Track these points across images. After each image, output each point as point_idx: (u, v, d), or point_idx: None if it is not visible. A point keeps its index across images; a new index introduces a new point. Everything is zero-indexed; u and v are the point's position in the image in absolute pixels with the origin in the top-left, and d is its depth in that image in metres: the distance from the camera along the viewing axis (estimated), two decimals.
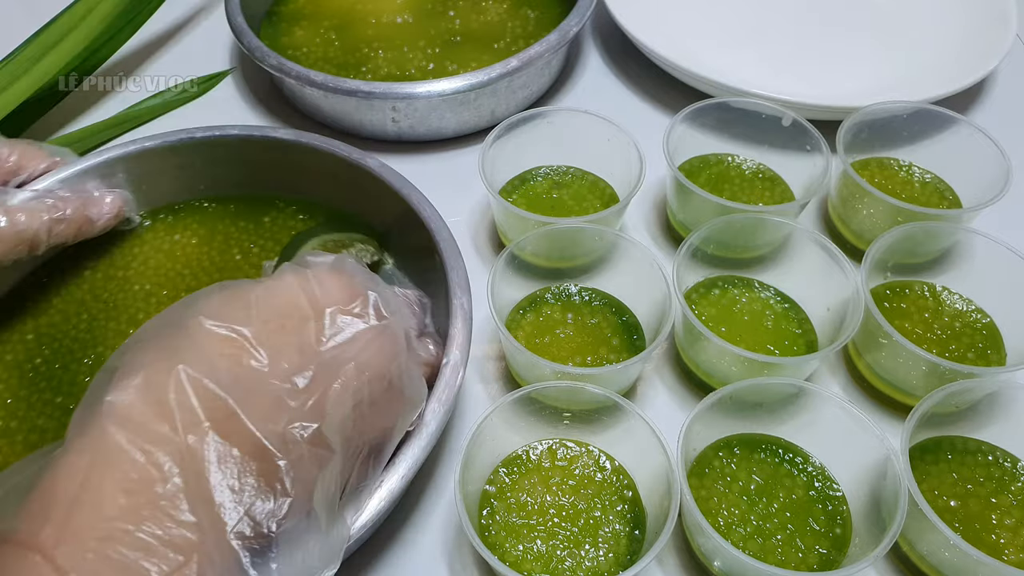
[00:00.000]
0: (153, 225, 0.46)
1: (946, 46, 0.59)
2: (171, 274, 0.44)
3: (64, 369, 0.40)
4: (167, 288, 0.43)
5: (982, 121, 0.50)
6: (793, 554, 0.34)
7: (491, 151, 0.46)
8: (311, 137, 0.45)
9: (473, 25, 0.60)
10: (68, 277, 0.44)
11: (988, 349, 0.42)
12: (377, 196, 0.43)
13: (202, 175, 0.46)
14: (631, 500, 0.36)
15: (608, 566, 0.34)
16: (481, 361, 0.44)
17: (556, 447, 0.37)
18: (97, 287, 0.43)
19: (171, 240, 0.45)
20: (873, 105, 0.49)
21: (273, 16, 0.61)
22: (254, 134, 0.45)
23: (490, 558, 0.30)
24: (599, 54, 0.63)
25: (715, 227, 0.42)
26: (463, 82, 0.50)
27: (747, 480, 0.36)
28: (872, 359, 0.42)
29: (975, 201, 0.47)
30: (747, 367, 0.39)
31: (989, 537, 0.35)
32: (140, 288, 0.43)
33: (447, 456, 0.40)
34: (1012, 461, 0.37)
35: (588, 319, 0.43)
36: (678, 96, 0.57)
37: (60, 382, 0.39)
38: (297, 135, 0.45)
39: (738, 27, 0.63)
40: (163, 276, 0.43)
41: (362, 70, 0.56)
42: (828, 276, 0.41)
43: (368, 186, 0.43)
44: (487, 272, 0.40)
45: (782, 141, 0.49)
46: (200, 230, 0.46)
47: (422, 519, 0.38)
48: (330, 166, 0.44)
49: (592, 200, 0.48)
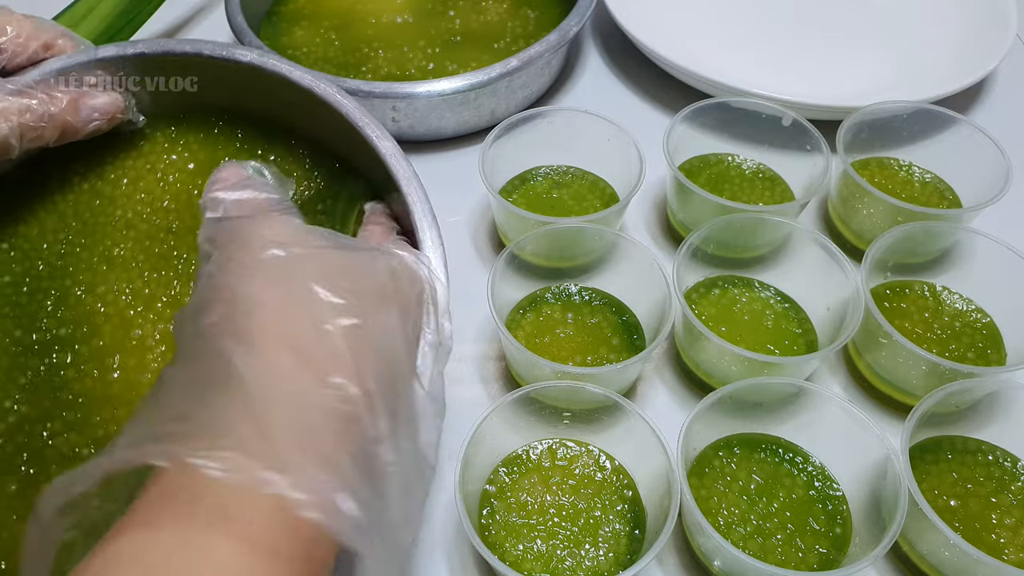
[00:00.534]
0: (152, 137, 0.41)
1: (946, 46, 0.59)
2: (156, 204, 0.39)
3: (29, 298, 0.36)
4: (148, 223, 0.38)
5: (982, 121, 0.50)
6: (793, 554, 0.34)
7: (491, 151, 0.46)
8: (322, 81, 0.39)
9: (473, 25, 0.60)
10: (55, 181, 0.39)
11: (988, 349, 0.42)
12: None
13: (217, 95, 0.41)
14: (631, 500, 0.36)
15: (608, 566, 0.34)
16: (481, 361, 0.44)
17: (556, 447, 0.37)
18: (81, 203, 0.39)
19: (167, 160, 0.40)
20: (873, 105, 0.49)
21: (273, 16, 0.61)
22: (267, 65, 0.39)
23: (490, 558, 0.30)
24: (599, 54, 0.63)
25: (715, 227, 0.42)
26: (463, 82, 0.50)
27: (747, 480, 0.36)
28: (872, 359, 0.42)
29: (975, 201, 0.47)
30: (747, 367, 0.39)
31: (989, 537, 0.35)
32: (122, 215, 0.39)
33: (447, 456, 0.40)
34: (1012, 461, 0.37)
35: (588, 319, 0.43)
36: (678, 96, 0.57)
37: (22, 313, 0.36)
38: (313, 81, 0.39)
39: (738, 27, 0.63)
40: (148, 205, 0.39)
41: (362, 70, 0.56)
42: (828, 276, 0.41)
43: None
44: (487, 272, 0.40)
45: (782, 141, 0.49)
46: (200, 154, 0.41)
47: (422, 519, 0.38)
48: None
49: (592, 200, 0.48)
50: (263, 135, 0.41)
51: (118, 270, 0.37)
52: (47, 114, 0.34)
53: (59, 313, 0.37)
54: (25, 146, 0.34)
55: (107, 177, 0.40)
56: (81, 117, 0.36)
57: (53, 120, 0.35)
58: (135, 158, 0.41)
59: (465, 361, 0.43)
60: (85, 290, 0.37)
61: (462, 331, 0.44)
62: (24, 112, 0.34)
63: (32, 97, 0.34)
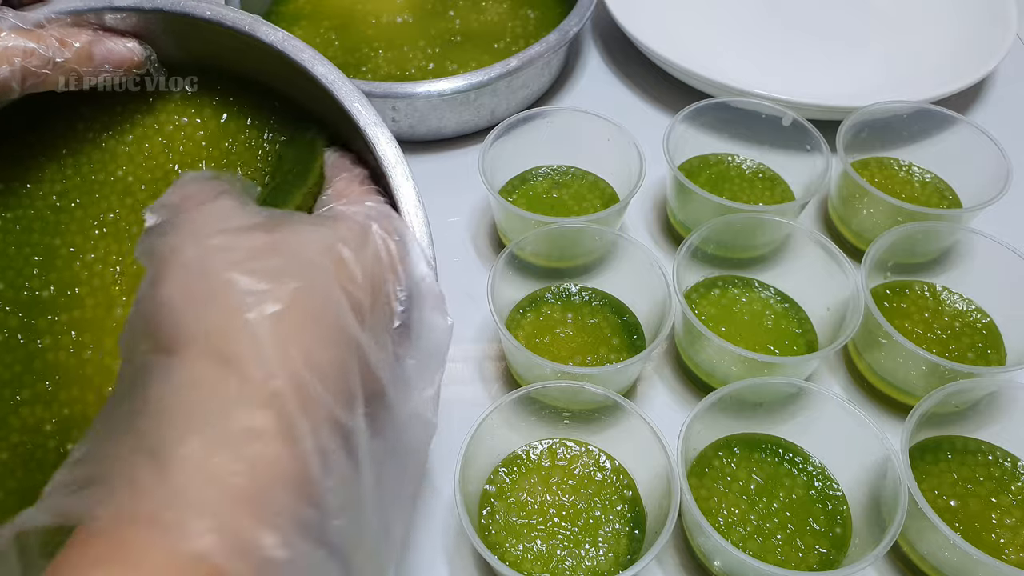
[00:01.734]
0: (167, 94, 0.38)
1: (946, 46, 0.59)
2: (158, 172, 0.37)
3: (17, 250, 0.35)
4: (148, 191, 0.36)
5: (982, 121, 0.50)
6: (793, 554, 0.34)
7: (491, 151, 0.46)
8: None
9: (473, 25, 0.60)
10: (60, 123, 0.37)
11: (988, 349, 0.42)
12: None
13: (240, 64, 0.38)
14: (631, 500, 0.36)
15: (608, 565, 0.34)
16: (481, 361, 0.44)
17: (556, 447, 0.37)
18: (83, 154, 0.37)
19: (176, 122, 0.38)
20: (873, 105, 0.49)
21: (273, 16, 0.61)
22: (289, 50, 0.36)
23: (490, 558, 0.30)
24: (599, 54, 0.63)
25: (715, 227, 0.42)
26: (463, 82, 0.50)
27: (747, 480, 0.36)
28: (872, 359, 0.42)
29: (975, 201, 0.47)
30: (747, 367, 0.39)
31: (989, 537, 0.35)
32: (122, 175, 0.37)
33: (446, 456, 0.40)
34: (1012, 461, 0.37)
35: (588, 319, 0.43)
36: (678, 96, 0.57)
37: (8, 265, 0.34)
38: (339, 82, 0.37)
39: (738, 27, 0.63)
40: (150, 171, 0.37)
41: (362, 70, 0.56)
42: (828, 276, 0.41)
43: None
44: (487, 272, 0.40)
45: (782, 141, 0.49)
46: (211, 123, 0.38)
47: (422, 519, 0.38)
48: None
49: (592, 200, 0.48)
50: (280, 113, 0.39)
51: (109, 238, 0.36)
52: (53, 61, 0.32)
53: (45, 275, 0.35)
54: (27, 90, 0.32)
55: (113, 128, 0.37)
56: (92, 65, 0.33)
57: (59, 67, 0.32)
58: (144, 113, 0.38)
59: (465, 361, 0.43)
60: (74, 253, 0.36)
61: (462, 331, 0.44)
62: (29, 55, 0.31)
63: (41, 40, 0.31)
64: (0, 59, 0.30)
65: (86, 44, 0.33)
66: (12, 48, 0.31)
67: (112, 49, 0.34)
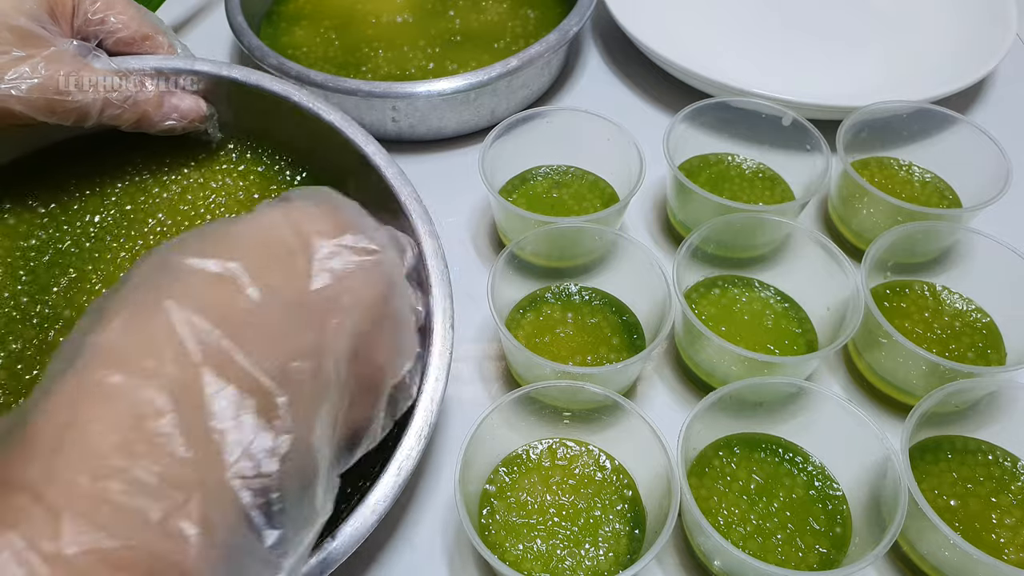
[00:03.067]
0: (216, 154, 0.41)
1: (946, 46, 0.59)
2: (195, 220, 0.39)
3: (47, 269, 0.36)
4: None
5: (982, 121, 0.50)
6: (793, 553, 0.34)
7: (491, 151, 0.46)
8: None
9: (473, 25, 0.60)
10: (111, 164, 0.40)
11: (988, 349, 0.42)
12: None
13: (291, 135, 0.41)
14: (631, 499, 0.36)
15: (608, 565, 0.34)
16: (481, 361, 0.44)
17: (556, 447, 0.37)
18: (127, 194, 0.39)
19: (221, 180, 0.41)
20: (873, 105, 0.49)
21: (273, 16, 0.61)
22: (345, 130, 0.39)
23: (490, 558, 0.30)
24: (599, 54, 0.63)
25: (715, 227, 0.42)
26: (463, 82, 0.50)
27: (747, 479, 0.36)
28: (872, 359, 0.42)
29: (975, 201, 0.47)
30: (747, 367, 0.39)
31: (989, 537, 0.35)
32: (160, 219, 0.39)
33: (446, 456, 0.40)
34: (1012, 461, 0.37)
35: (588, 319, 0.43)
36: (678, 96, 0.57)
37: (35, 281, 0.36)
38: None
39: (738, 27, 0.63)
40: (187, 219, 0.39)
41: (362, 70, 0.56)
42: (828, 276, 0.41)
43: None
44: (487, 272, 0.40)
45: (782, 141, 0.49)
46: (254, 188, 0.40)
47: (422, 519, 0.38)
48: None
49: (592, 200, 0.48)
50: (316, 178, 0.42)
51: None
52: (132, 99, 0.36)
53: (70, 294, 0.37)
54: (102, 121, 0.36)
55: (159, 176, 0.40)
56: (161, 112, 0.38)
57: (135, 106, 0.37)
58: (191, 167, 0.41)
59: (465, 361, 0.43)
60: (103, 282, 0.37)
61: (462, 331, 0.44)
62: (112, 89, 0.36)
63: (125, 78, 0.36)
64: (92, 86, 0.35)
65: (159, 92, 0.38)
66: (100, 80, 0.36)
67: (181, 101, 0.39)
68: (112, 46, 0.39)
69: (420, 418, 0.32)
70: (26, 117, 0.34)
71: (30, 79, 0.34)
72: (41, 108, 0.34)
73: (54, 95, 0.34)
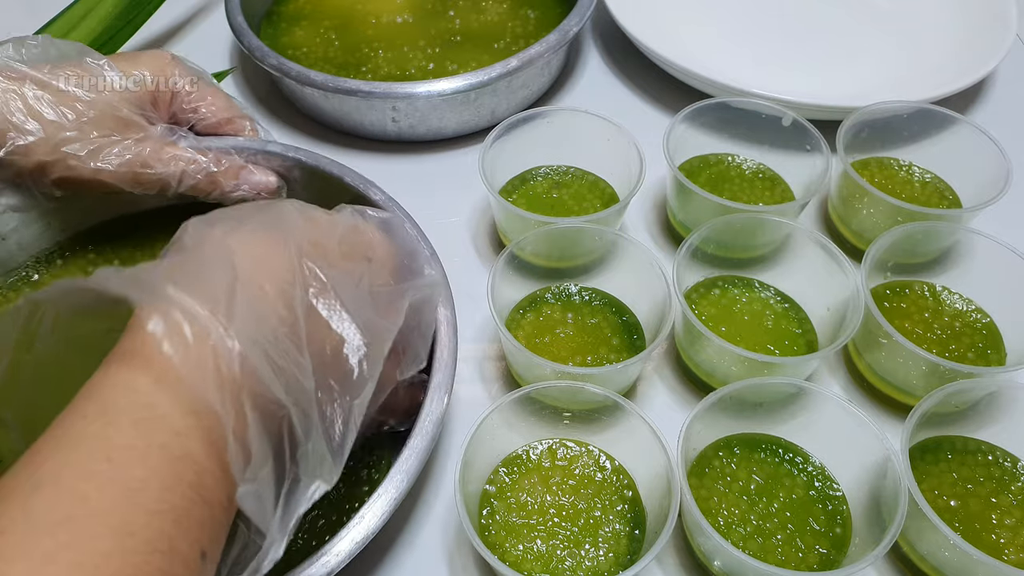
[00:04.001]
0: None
1: (946, 46, 0.59)
2: None
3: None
4: None
5: (982, 121, 0.50)
6: (793, 554, 0.34)
7: (491, 151, 0.46)
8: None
9: (473, 25, 0.60)
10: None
11: (988, 349, 0.42)
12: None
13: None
14: (631, 500, 0.36)
15: (608, 566, 0.34)
16: (481, 361, 0.44)
17: (556, 447, 0.37)
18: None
19: None
20: (873, 105, 0.49)
21: (273, 16, 0.61)
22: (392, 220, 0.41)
23: (490, 558, 0.30)
24: (599, 54, 0.63)
25: (715, 227, 0.42)
26: (463, 82, 0.50)
27: (747, 480, 0.36)
28: (872, 359, 0.42)
29: (975, 201, 0.47)
30: (747, 367, 0.39)
31: (989, 537, 0.35)
32: None
33: (447, 456, 0.40)
34: (1012, 461, 0.37)
35: (588, 319, 0.42)
36: (678, 96, 0.57)
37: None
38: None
39: (738, 27, 0.63)
40: None
41: (362, 70, 0.56)
42: (828, 276, 0.41)
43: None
44: (487, 272, 0.40)
45: (782, 141, 0.49)
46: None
47: (422, 519, 0.38)
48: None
49: (592, 200, 0.48)
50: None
51: None
52: (206, 171, 0.41)
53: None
54: (181, 190, 0.41)
55: None
56: (233, 184, 0.43)
57: (210, 177, 0.41)
58: None
59: (465, 361, 0.43)
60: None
61: (462, 331, 0.43)
62: (191, 162, 0.41)
63: (204, 155, 0.41)
64: (172, 160, 0.40)
65: (235, 165, 0.43)
66: (182, 155, 0.41)
67: (251, 175, 0.43)
68: (202, 129, 0.44)
69: (419, 438, 0.33)
70: (116, 187, 0.40)
71: (120, 156, 0.39)
72: (128, 180, 0.40)
73: (139, 168, 0.39)
